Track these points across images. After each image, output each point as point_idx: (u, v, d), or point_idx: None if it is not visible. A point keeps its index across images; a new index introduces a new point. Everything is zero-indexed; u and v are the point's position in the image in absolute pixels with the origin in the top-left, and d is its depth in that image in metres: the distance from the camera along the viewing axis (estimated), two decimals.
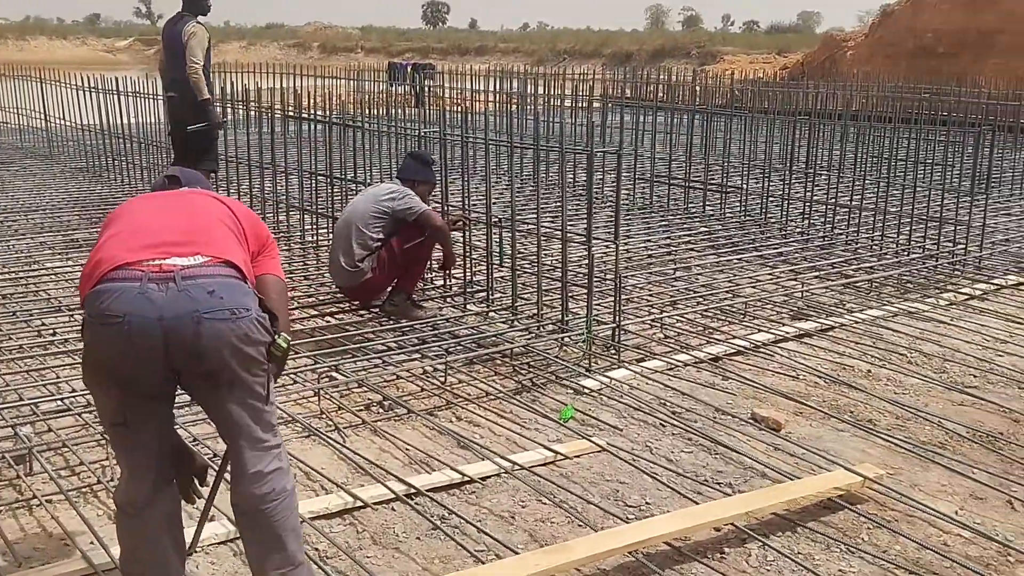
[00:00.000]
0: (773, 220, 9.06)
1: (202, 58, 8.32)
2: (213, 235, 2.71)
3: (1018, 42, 22.04)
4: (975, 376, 5.15)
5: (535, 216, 5.88)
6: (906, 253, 7.80)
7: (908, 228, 8.00)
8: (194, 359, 2.52)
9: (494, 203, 8.19)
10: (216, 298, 2.52)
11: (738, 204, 9.57)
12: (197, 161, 8.44)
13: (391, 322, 5.81)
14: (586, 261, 5.35)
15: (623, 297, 6.06)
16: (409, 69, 22.43)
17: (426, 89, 17.86)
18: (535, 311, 5.82)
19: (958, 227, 7.82)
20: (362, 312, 6.01)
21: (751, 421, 4.49)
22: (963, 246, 7.70)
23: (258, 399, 2.66)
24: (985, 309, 6.44)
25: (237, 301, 2.55)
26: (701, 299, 6.49)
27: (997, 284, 7.04)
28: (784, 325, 5.96)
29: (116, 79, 11.20)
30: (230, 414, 2.65)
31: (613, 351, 5.35)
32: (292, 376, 4.84)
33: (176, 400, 2.78)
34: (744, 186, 9.68)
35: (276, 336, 2.68)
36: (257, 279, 2.83)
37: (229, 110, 8.75)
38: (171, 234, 2.66)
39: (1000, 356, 5.49)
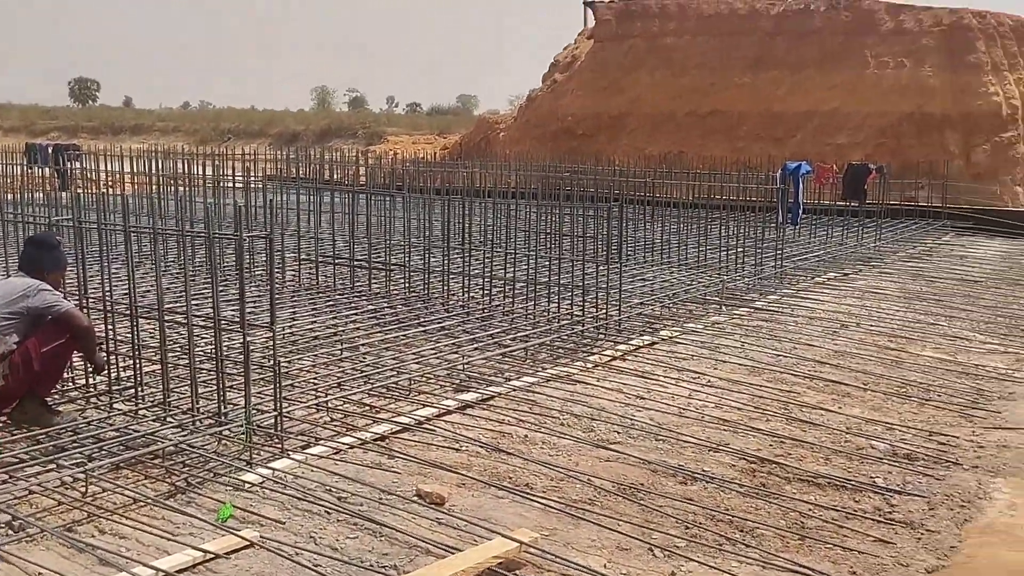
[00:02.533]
0: (436, 295, 9.33)
1: None
2: None
3: (644, 124, 24.80)
4: (618, 432, 5.57)
5: (186, 305, 5.58)
6: (556, 320, 8.34)
7: (558, 296, 8.58)
8: None
9: (145, 293, 7.73)
10: None
11: (403, 281, 9.77)
12: None
13: (23, 431, 5.20)
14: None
15: (287, 383, 5.93)
16: (51, 150, 20.74)
17: (70, 171, 16.60)
18: (190, 405, 5.50)
19: (600, 294, 8.51)
20: None
21: (416, 498, 4.51)
22: (604, 311, 8.38)
23: None
24: (625, 368, 7.02)
25: None
26: (367, 379, 6.49)
27: (634, 344, 7.72)
28: (447, 398, 6.11)
29: None
30: None
31: (276, 440, 5.17)
32: None
33: None
34: (408, 263, 9.91)
35: None
36: None
37: None
38: None
39: (639, 411, 5.99)
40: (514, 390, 6.36)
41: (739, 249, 11.71)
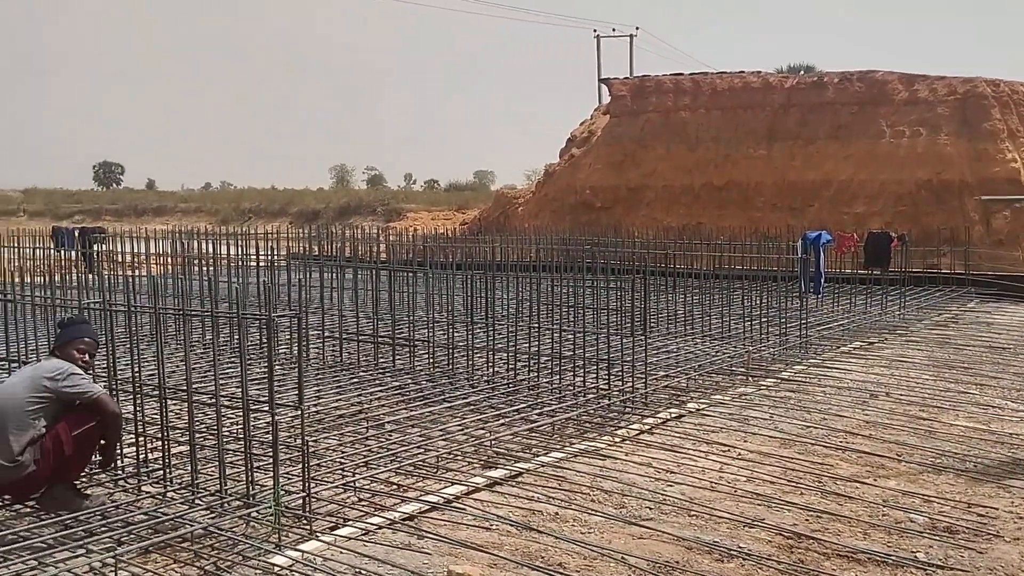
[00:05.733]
0: (460, 370, 9.30)
1: None
2: None
3: (661, 196, 24.98)
4: (650, 508, 5.48)
5: (214, 384, 5.59)
6: (583, 394, 8.29)
7: (583, 370, 8.54)
8: None
9: (171, 373, 7.76)
10: None
11: (427, 356, 9.76)
12: None
13: (52, 516, 5.18)
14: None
15: (314, 462, 5.89)
16: (77, 234, 21.09)
17: (95, 254, 16.85)
18: (218, 486, 5.46)
19: (625, 366, 8.46)
20: (16, 507, 5.31)
21: None
22: (630, 384, 8.32)
23: None
24: (653, 442, 6.94)
25: None
26: (394, 456, 6.44)
27: (662, 418, 7.64)
28: (475, 476, 6.04)
29: None
30: None
31: (304, 522, 5.12)
32: None
33: None
34: (431, 338, 9.91)
35: None
36: None
37: None
38: None
39: (670, 486, 5.89)
40: (542, 466, 6.29)
41: (763, 319, 11.65)
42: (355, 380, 9.06)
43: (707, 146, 24.75)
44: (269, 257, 13.20)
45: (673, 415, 7.75)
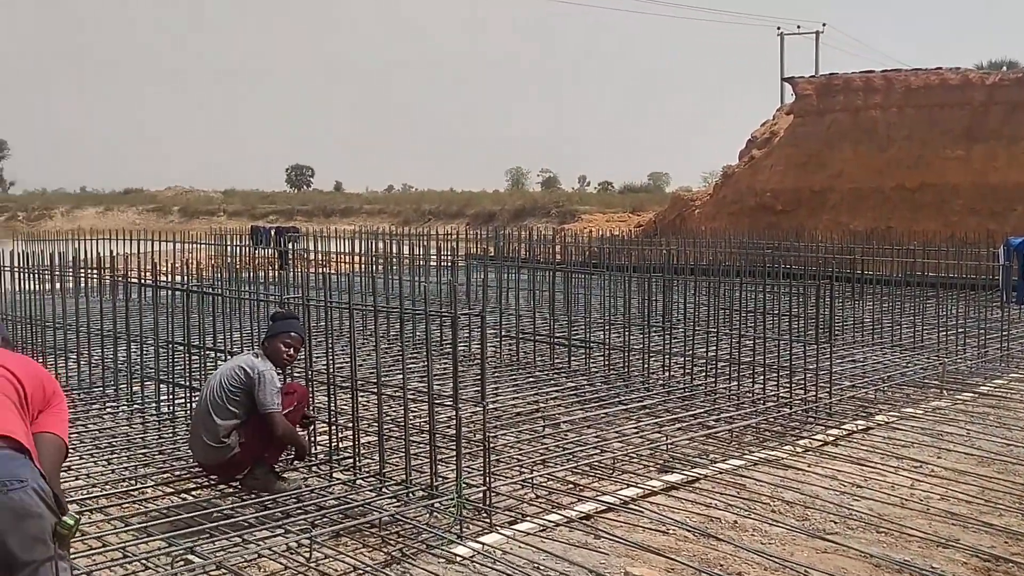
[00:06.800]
0: (636, 373, 9.27)
1: None
2: None
3: (847, 199, 23.99)
4: (835, 522, 5.29)
5: (401, 378, 5.83)
6: (762, 402, 8.08)
7: (762, 377, 8.33)
8: None
9: (359, 366, 8.12)
10: None
11: (602, 358, 9.78)
12: None
13: (252, 496, 5.55)
14: (454, 422, 5.31)
15: (493, 458, 6.03)
16: (273, 233, 22.46)
17: (291, 252, 17.87)
18: (404, 476, 5.69)
19: (807, 375, 8.19)
20: (221, 487, 5.73)
21: None
22: (814, 393, 8.05)
23: None
24: (838, 454, 6.69)
25: (9, 471, 2.44)
26: (570, 456, 6.50)
27: (847, 429, 7.34)
28: (651, 479, 6.02)
29: None
30: None
31: (484, 515, 5.26)
32: (143, 562, 4.53)
33: None
34: (607, 341, 9.93)
35: (63, 514, 2.56)
36: (35, 437, 2.70)
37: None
38: None
39: (856, 501, 5.67)
40: (720, 473, 6.18)
41: (960, 329, 10.99)
42: (531, 379, 9.20)
43: (899, 146, 23.59)
44: (449, 257, 13.58)
45: (859, 427, 7.44)
